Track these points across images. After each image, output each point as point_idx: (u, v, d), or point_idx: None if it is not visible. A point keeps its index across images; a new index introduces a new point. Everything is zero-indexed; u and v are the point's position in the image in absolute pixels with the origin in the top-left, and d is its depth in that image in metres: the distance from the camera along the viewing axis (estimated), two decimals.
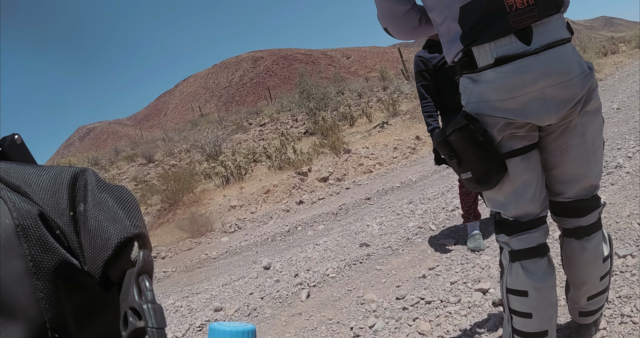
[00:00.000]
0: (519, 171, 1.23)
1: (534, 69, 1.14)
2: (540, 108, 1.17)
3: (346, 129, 10.81)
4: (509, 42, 1.16)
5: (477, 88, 1.22)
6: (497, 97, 1.19)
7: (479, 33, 1.17)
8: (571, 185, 1.29)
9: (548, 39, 1.15)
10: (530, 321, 1.29)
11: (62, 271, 0.35)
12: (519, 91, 1.16)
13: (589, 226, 1.33)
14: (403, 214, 3.85)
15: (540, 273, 1.27)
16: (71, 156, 24.05)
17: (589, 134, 1.24)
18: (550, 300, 1.30)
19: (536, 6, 1.13)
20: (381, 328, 2.14)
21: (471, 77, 1.24)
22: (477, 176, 1.25)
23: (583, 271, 1.37)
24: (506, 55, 1.16)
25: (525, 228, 1.27)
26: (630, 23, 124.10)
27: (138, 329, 0.33)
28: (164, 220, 7.08)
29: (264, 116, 17.67)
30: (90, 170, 0.41)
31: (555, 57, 1.15)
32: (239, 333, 0.39)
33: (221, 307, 2.93)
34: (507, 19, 1.14)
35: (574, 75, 1.16)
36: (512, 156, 1.23)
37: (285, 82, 50.95)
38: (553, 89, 1.16)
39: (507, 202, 1.27)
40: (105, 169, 14.83)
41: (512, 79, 1.16)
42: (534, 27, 1.15)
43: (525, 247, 1.28)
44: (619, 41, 20.10)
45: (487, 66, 1.19)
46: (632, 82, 7.85)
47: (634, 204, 2.59)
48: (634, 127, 4.48)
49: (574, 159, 1.25)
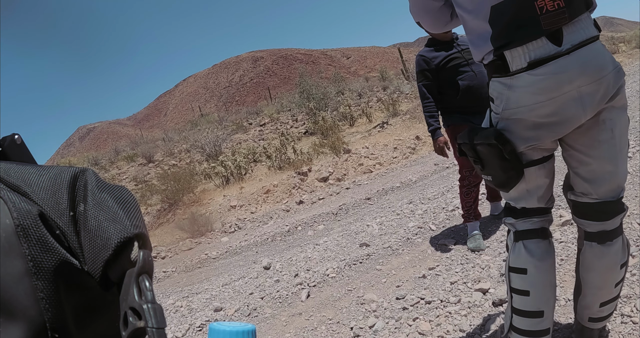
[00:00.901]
0: (534, 178, 1.32)
1: (569, 69, 1.15)
2: (577, 107, 1.19)
3: (346, 129, 10.82)
4: (540, 45, 1.16)
5: (513, 94, 1.22)
6: (534, 100, 1.20)
7: (510, 36, 1.18)
8: (599, 184, 1.29)
9: (579, 38, 1.16)
10: (528, 299, 1.35)
11: (62, 271, 0.35)
12: (556, 92, 1.17)
13: (612, 231, 1.32)
14: (403, 214, 3.85)
15: (539, 253, 1.34)
16: (71, 156, 24.05)
17: (617, 130, 1.24)
18: (549, 280, 1.35)
19: (567, 8, 1.13)
20: (381, 328, 2.14)
21: (503, 82, 1.24)
22: (497, 181, 1.36)
23: (600, 277, 1.36)
24: (539, 58, 1.16)
25: (532, 214, 1.36)
26: (630, 23, 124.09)
27: (138, 329, 0.33)
28: (164, 220, 7.08)
29: (264, 116, 17.67)
30: (90, 170, 0.41)
31: (588, 55, 1.16)
32: (239, 333, 0.39)
33: (221, 307, 2.93)
34: (539, 21, 1.14)
35: (608, 71, 1.18)
36: (530, 166, 1.30)
37: (285, 82, 50.96)
38: (589, 86, 1.17)
39: (519, 198, 1.36)
40: (105, 169, 14.83)
41: (549, 81, 1.17)
42: (564, 27, 1.15)
43: (529, 228, 1.37)
44: (619, 41, 20.11)
45: (520, 69, 1.19)
46: (632, 82, 7.85)
47: (634, 205, 2.59)
48: (634, 127, 4.48)
49: (603, 156, 1.25)
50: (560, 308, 1.88)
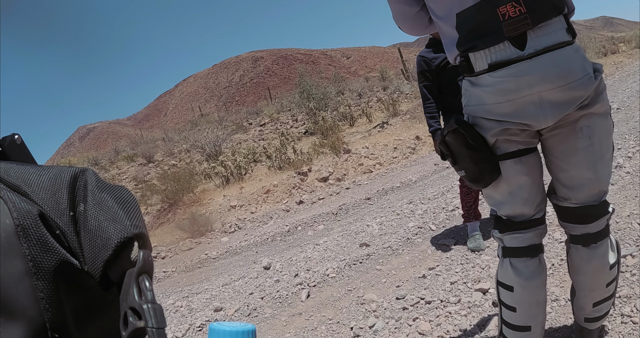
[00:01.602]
0: (512, 174, 1.26)
1: (529, 73, 1.15)
2: (536, 111, 1.18)
3: (346, 129, 10.82)
4: (502, 48, 1.17)
5: (475, 91, 1.26)
6: (493, 100, 1.21)
7: (474, 41, 1.20)
8: (579, 190, 1.28)
9: (544, 44, 1.15)
10: (515, 314, 1.34)
11: (62, 271, 0.35)
12: (514, 95, 1.17)
13: (597, 234, 1.31)
14: (403, 214, 3.85)
15: (527, 273, 1.30)
16: (71, 156, 24.06)
17: (596, 137, 1.22)
18: (536, 299, 1.32)
19: (529, 14, 1.13)
20: (381, 328, 2.14)
21: (469, 79, 1.28)
22: (470, 175, 1.31)
23: (590, 279, 1.36)
24: (500, 61, 1.17)
25: (518, 228, 1.31)
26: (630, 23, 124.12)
27: (138, 329, 0.33)
28: (164, 220, 7.08)
29: (264, 116, 17.67)
30: (90, 170, 0.41)
31: (552, 61, 1.15)
32: (239, 333, 0.39)
33: (221, 307, 2.93)
34: (501, 28, 1.15)
35: (574, 78, 1.15)
36: (505, 159, 1.26)
37: (285, 82, 50.97)
38: (551, 92, 1.16)
39: (502, 201, 1.31)
40: (105, 169, 14.83)
41: (507, 83, 1.17)
42: (530, 31, 1.15)
43: (516, 246, 1.32)
44: (619, 41, 20.11)
45: (482, 70, 1.21)
46: (632, 82, 7.85)
47: (634, 204, 2.59)
48: (634, 127, 4.48)
49: (581, 163, 1.24)
50: (561, 308, 1.89)
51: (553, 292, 2.00)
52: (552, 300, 1.96)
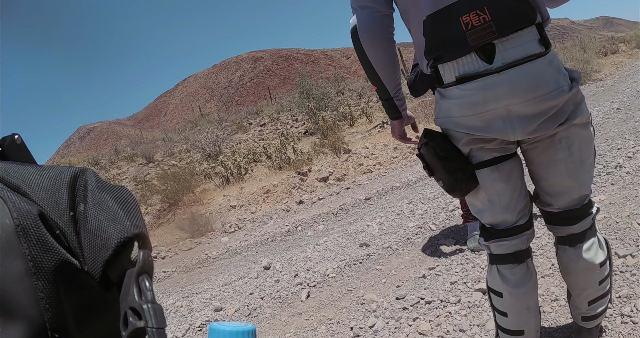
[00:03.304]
0: (490, 182, 1.25)
1: (497, 87, 1.12)
2: (504, 125, 1.16)
3: (346, 129, 10.82)
4: (470, 61, 1.14)
5: (444, 103, 1.25)
6: (460, 113, 1.20)
7: (440, 50, 1.17)
8: (560, 197, 1.29)
9: (513, 57, 1.11)
10: (507, 319, 1.35)
11: (62, 271, 0.35)
12: (481, 108, 1.16)
13: (582, 233, 1.32)
14: (403, 214, 3.85)
15: (514, 280, 1.30)
16: (71, 156, 24.06)
17: (575, 147, 1.21)
18: (526, 305, 1.32)
19: (494, 22, 1.09)
20: (381, 328, 2.14)
21: (440, 91, 1.26)
22: (446, 185, 1.30)
23: (581, 279, 1.36)
24: (467, 74, 1.15)
25: (502, 235, 1.30)
26: (630, 23, 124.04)
27: (138, 329, 0.33)
28: (164, 220, 7.08)
29: (264, 116, 17.68)
30: (90, 170, 0.41)
31: (521, 75, 1.11)
32: (239, 333, 0.39)
33: (221, 307, 2.93)
34: (465, 37, 1.12)
35: (544, 91, 1.12)
36: (481, 167, 1.24)
37: (285, 82, 50.98)
38: (519, 106, 1.13)
39: (483, 209, 1.30)
40: (105, 169, 14.83)
41: (475, 97, 1.15)
42: (499, 44, 1.11)
43: (502, 253, 1.31)
44: (619, 41, 20.12)
45: (450, 83, 1.19)
46: (632, 82, 7.86)
47: (634, 204, 2.59)
48: (634, 127, 4.48)
49: (560, 173, 1.24)
50: (561, 308, 1.89)
51: (553, 292, 2.00)
52: (552, 300, 1.96)
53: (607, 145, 4.12)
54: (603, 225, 2.48)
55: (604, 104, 6.56)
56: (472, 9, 1.10)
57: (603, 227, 2.45)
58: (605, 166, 3.51)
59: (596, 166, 3.57)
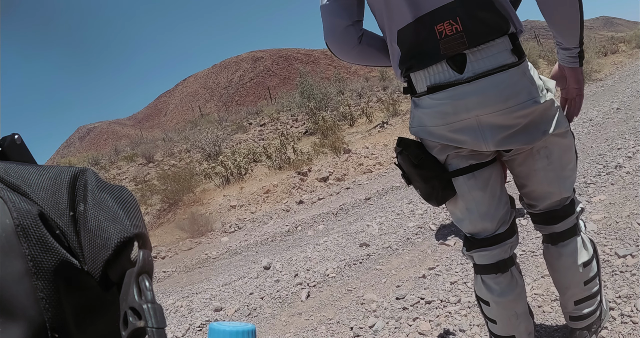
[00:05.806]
0: (467, 189, 1.24)
1: (467, 96, 1.12)
2: (476, 135, 1.16)
3: (346, 129, 10.82)
4: (440, 70, 1.14)
5: (417, 112, 1.25)
6: (432, 123, 1.20)
7: (413, 59, 1.17)
8: (542, 201, 1.32)
9: (484, 67, 1.10)
10: (497, 326, 1.36)
11: (62, 271, 0.35)
12: (452, 118, 1.16)
13: (563, 233, 1.34)
14: (403, 214, 3.85)
15: (499, 289, 1.30)
16: (71, 156, 24.07)
17: (555, 155, 1.22)
18: (514, 312, 1.32)
19: (465, 32, 1.09)
20: (381, 328, 2.14)
21: (414, 100, 1.26)
22: (423, 194, 1.31)
23: (563, 277, 1.39)
24: (438, 83, 1.15)
25: (483, 245, 1.29)
26: (630, 23, 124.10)
27: (138, 329, 0.33)
28: (164, 220, 7.08)
29: (264, 116, 17.68)
30: (90, 170, 0.41)
31: (491, 85, 1.11)
32: (239, 333, 0.39)
33: (221, 307, 2.93)
34: (438, 46, 1.12)
35: (516, 102, 1.11)
36: (457, 175, 1.24)
37: (285, 82, 51.00)
38: (490, 116, 1.13)
39: (462, 218, 1.30)
40: (105, 169, 14.84)
41: (445, 107, 1.15)
42: (470, 54, 1.11)
43: (484, 263, 1.31)
44: (619, 41, 20.11)
45: (422, 92, 1.20)
46: (632, 82, 7.86)
47: (634, 204, 2.59)
48: (634, 127, 4.48)
49: (541, 181, 1.26)
50: (561, 308, 1.88)
51: (553, 292, 2.00)
52: (552, 300, 1.96)
53: (607, 145, 4.12)
54: (603, 225, 2.48)
55: (604, 104, 6.56)
56: (446, 18, 1.10)
57: (603, 227, 2.45)
58: (605, 166, 3.51)
59: (596, 166, 3.57)
